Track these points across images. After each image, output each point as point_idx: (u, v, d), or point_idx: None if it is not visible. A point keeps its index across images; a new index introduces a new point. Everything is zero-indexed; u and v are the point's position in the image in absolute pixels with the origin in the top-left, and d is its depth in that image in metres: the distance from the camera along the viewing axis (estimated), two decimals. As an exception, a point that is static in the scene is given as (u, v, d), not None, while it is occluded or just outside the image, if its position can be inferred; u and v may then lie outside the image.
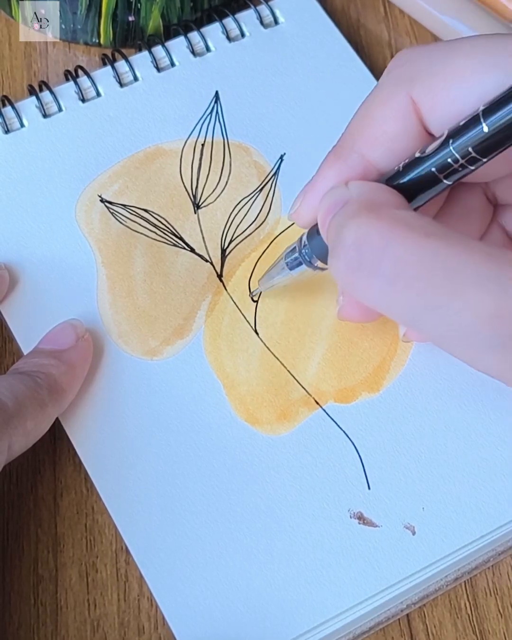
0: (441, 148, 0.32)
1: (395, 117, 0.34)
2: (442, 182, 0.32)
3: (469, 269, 0.29)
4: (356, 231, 0.30)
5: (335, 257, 0.31)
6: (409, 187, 0.33)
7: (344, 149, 0.35)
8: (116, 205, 0.44)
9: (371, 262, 0.30)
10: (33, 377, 0.37)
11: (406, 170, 0.33)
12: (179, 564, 0.37)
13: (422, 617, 0.38)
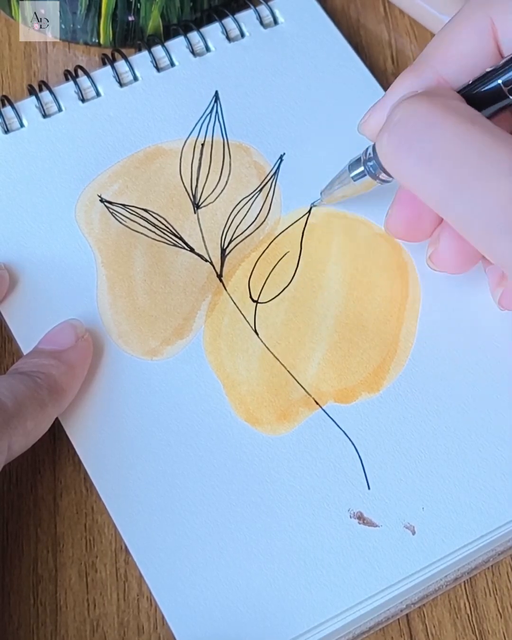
0: (509, 62, 0.33)
1: (472, 35, 0.35)
2: (507, 98, 0.34)
3: (499, 157, 0.30)
4: (405, 109, 0.32)
5: (381, 133, 0.33)
6: (476, 99, 0.34)
7: (419, 65, 0.36)
8: (116, 205, 0.44)
9: (411, 138, 0.32)
10: (33, 377, 0.37)
11: (475, 83, 0.34)
12: (178, 563, 0.37)
13: (422, 617, 0.38)
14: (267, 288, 0.42)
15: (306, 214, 0.43)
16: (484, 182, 0.30)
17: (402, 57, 0.49)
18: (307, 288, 0.42)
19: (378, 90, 0.46)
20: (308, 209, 0.43)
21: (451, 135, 0.31)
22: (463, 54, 0.36)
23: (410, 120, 0.32)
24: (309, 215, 0.43)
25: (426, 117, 0.32)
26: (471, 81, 0.35)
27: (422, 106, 0.32)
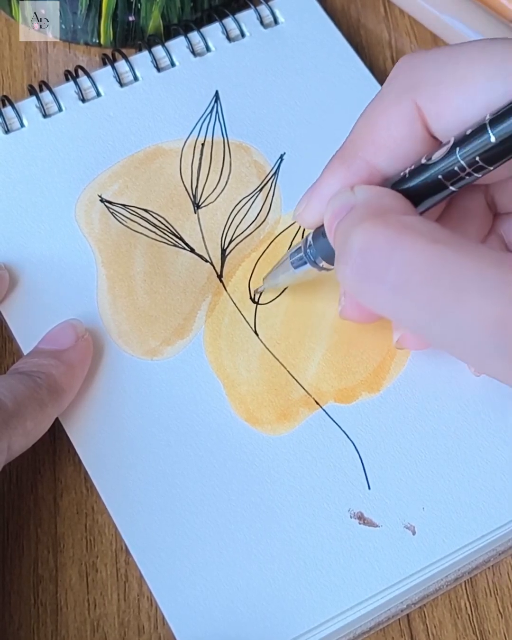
0: (448, 155, 0.32)
1: (400, 123, 0.34)
2: (448, 189, 0.33)
3: (474, 275, 0.29)
4: (363, 237, 0.30)
5: (342, 264, 0.31)
6: (415, 192, 0.33)
7: (348, 154, 0.35)
8: (116, 205, 0.44)
9: (378, 269, 0.30)
10: (33, 377, 0.37)
11: (412, 176, 0.33)
12: (179, 563, 0.37)
13: (423, 617, 0.38)
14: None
15: (306, 214, 0.43)
16: (463, 306, 0.29)
17: (402, 57, 0.49)
18: (307, 288, 0.42)
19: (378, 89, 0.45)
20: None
21: (417, 260, 0.29)
22: (393, 142, 0.34)
23: (371, 249, 0.30)
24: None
25: (387, 243, 0.30)
26: (407, 174, 0.33)
27: (380, 231, 0.30)
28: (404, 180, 0.33)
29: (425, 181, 0.33)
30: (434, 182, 0.33)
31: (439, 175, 0.32)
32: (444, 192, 0.33)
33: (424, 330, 0.31)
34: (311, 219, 0.36)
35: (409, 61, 0.35)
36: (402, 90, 0.34)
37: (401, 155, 0.34)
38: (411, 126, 0.34)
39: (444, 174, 0.32)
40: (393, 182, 0.34)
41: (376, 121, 0.35)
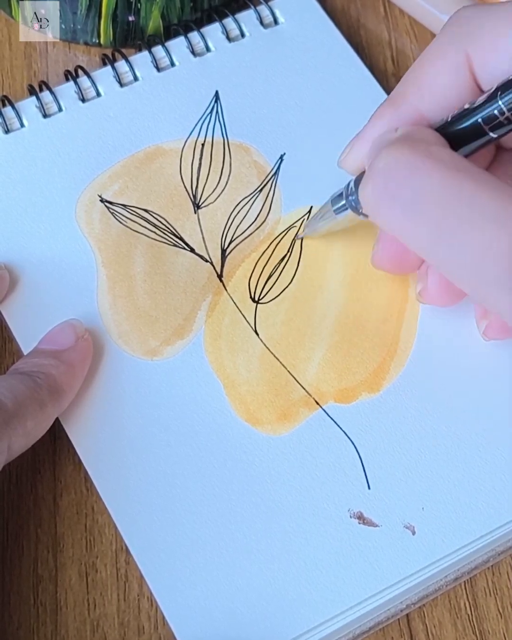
0: (489, 100, 0.33)
1: (448, 70, 0.35)
2: (487, 135, 0.33)
3: (489, 204, 0.30)
4: (387, 158, 0.32)
5: (364, 182, 0.32)
6: (456, 136, 0.34)
7: (397, 98, 0.36)
8: (116, 205, 0.44)
9: (396, 188, 0.31)
10: (33, 377, 0.37)
11: (454, 121, 0.34)
12: (179, 563, 0.37)
13: (422, 617, 0.38)
14: (267, 288, 0.42)
15: (306, 214, 0.43)
16: (472, 233, 0.30)
17: (402, 57, 0.49)
18: (308, 288, 0.42)
19: (378, 90, 0.46)
20: (308, 209, 0.43)
21: (436, 184, 0.30)
22: (440, 88, 0.35)
23: (393, 169, 0.31)
24: (309, 216, 0.43)
25: (409, 166, 0.31)
26: (450, 118, 0.34)
27: (405, 154, 0.31)
28: (446, 124, 0.34)
29: (466, 125, 0.33)
30: (475, 127, 0.33)
31: (479, 119, 0.33)
32: (484, 139, 0.33)
33: (430, 254, 0.32)
34: (354, 163, 0.37)
35: (463, 13, 0.35)
36: (453, 39, 0.35)
37: (447, 103, 0.35)
38: (459, 74, 0.35)
39: (484, 118, 0.33)
40: (436, 126, 0.34)
41: (425, 68, 0.35)
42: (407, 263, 0.38)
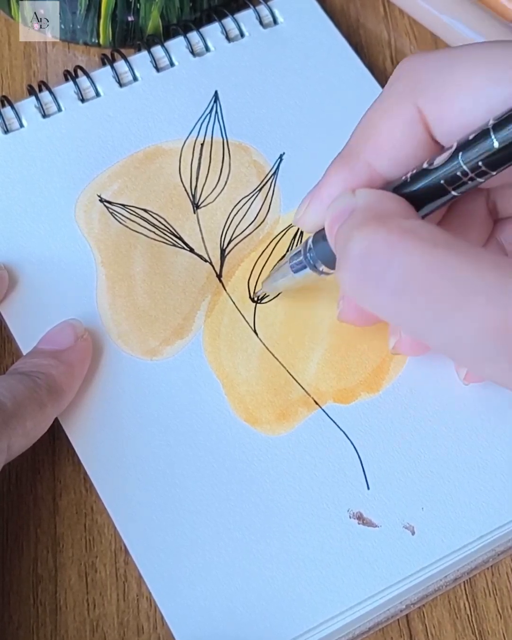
0: (450, 160, 0.32)
1: (402, 126, 0.34)
2: (450, 194, 0.32)
3: (476, 279, 0.29)
4: (363, 242, 0.30)
5: (342, 268, 0.31)
6: (417, 197, 0.33)
7: (350, 156, 0.35)
8: (115, 205, 0.44)
9: (378, 273, 0.30)
10: (32, 377, 0.37)
11: (413, 181, 0.33)
12: (178, 564, 0.37)
13: (422, 617, 0.38)
14: (267, 288, 0.42)
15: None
16: (462, 311, 0.29)
17: (401, 57, 0.49)
18: (307, 287, 0.42)
19: (377, 90, 0.46)
20: None
21: (419, 265, 0.29)
22: (394, 145, 0.34)
23: (371, 254, 0.30)
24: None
25: (386, 249, 0.30)
26: (409, 178, 0.33)
27: (380, 237, 0.30)
28: (405, 184, 0.33)
29: (427, 185, 0.33)
30: (436, 187, 0.32)
31: (442, 180, 0.32)
32: (446, 197, 0.33)
33: (423, 335, 0.31)
34: (311, 223, 0.36)
35: (410, 63, 0.34)
36: (403, 92, 0.34)
37: (402, 158, 0.34)
38: (413, 129, 0.34)
39: (446, 179, 0.32)
40: (395, 186, 0.34)
41: (377, 124, 0.35)
42: (372, 319, 0.38)
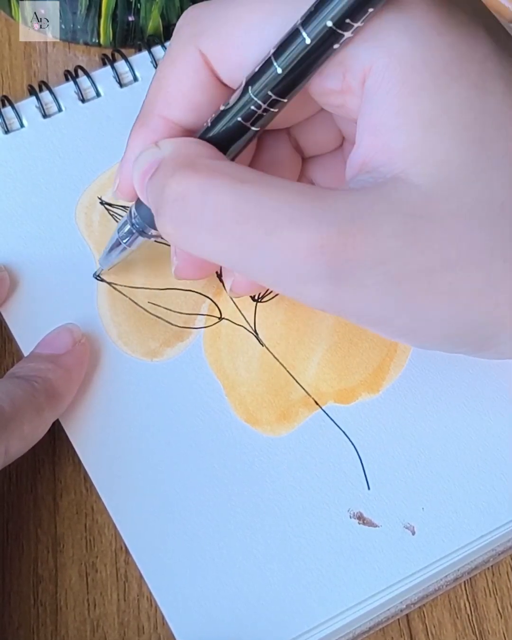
0: (242, 96, 0.32)
1: (187, 73, 0.34)
2: (250, 130, 0.33)
3: (283, 207, 0.30)
4: (177, 187, 0.31)
5: (160, 216, 0.32)
6: (221, 139, 0.33)
7: (146, 115, 0.35)
8: (116, 207, 0.44)
9: (194, 215, 0.31)
10: (30, 381, 0.37)
11: (214, 124, 0.33)
12: (178, 563, 0.37)
13: (422, 617, 0.38)
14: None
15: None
16: (274, 237, 0.30)
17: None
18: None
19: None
20: None
21: (228, 201, 0.30)
22: (185, 94, 0.34)
23: (185, 198, 0.31)
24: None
25: (198, 191, 0.31)
26: (209, 123, 0.34)
27: (190, 179, 0.31)
28: (208, 129, 0.34)
29: (227, 126, 0.33)
30: (236, 126, 0.33)
31: (239, 117, 0.33)
32: (248, 134, 0.33)
33: (244, 268, 0.32)
34: (128, 190, 0.37)
35: (192, 11, 0.34)
36: (185, 40, 0.34)
37: (195, 106, 0.34)
38: (199, 75, 0.34)
39: (242, 116, 0.33)
40: (199, 134, 0.34)
41: (165, 75, 0.35)
42: (206, 267, 0.38)
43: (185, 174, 0.31)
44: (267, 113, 0.32)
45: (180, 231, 0.32)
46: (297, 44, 0.30)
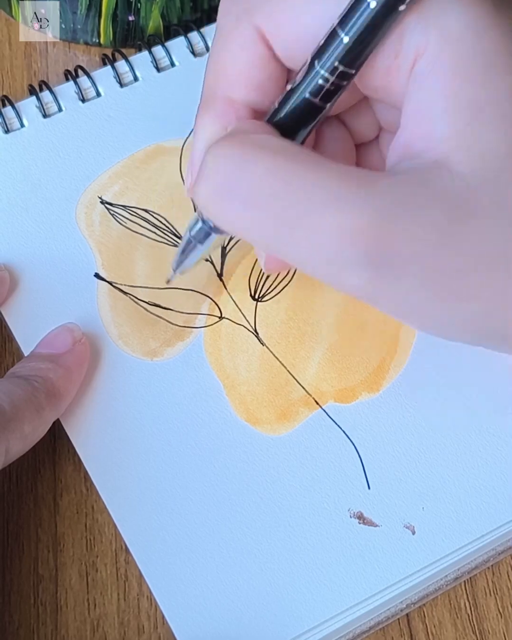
0: (309, 72, 0.31)
1: (244, 51, 0.32)
2: (319, 107, 0.32)
3: (327, 186, 0.28)
4: (215, 157, 0.30)
5: (197, 185, 0.30)
6: (290, 120, 0.32)
7: (209, 99, 0.34)
8: (116, 207, 0.44)
9: (229, 186, 0.29)
10: (30, 381, 0.37)
11: (282, 105, 0.32)
12: (179, 563, 0.37)
13: (422, 616, 0.38)
14: (267, 286, 0.42)
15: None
16: (313, 218, 0.28)
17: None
18: (307, 287, 0.42)
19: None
20: None
21: (267, 175, 0.29)
22: (244, 72, 0.33)
23: (222, 165, 0.29)
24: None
25: (238, 159, 0.29)
26: (277, 105, 0.32)
27: (232, 148, 0.29)
28: (276, 112, 0.32)
29: (296, 105, 0.32)
30: (305, 104, 0.31)
31: (307, 94, 0.31)
32: (318, 112, 0.32)
33: (276, 247, 0.30)
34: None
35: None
36: (238, 16, 0.32)
37: (256, 83, 0.33)
38: (257, 51, 0.32)
39: (311, 91, 0.31)
40: (267, 117, 0.33)
41: (220, 56, 0.33)
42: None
43: (230, 142, 0.30)
44: (338, 88, 0.31)
45: (214, 201, 0.30)
46: (362, 9, 0.29)
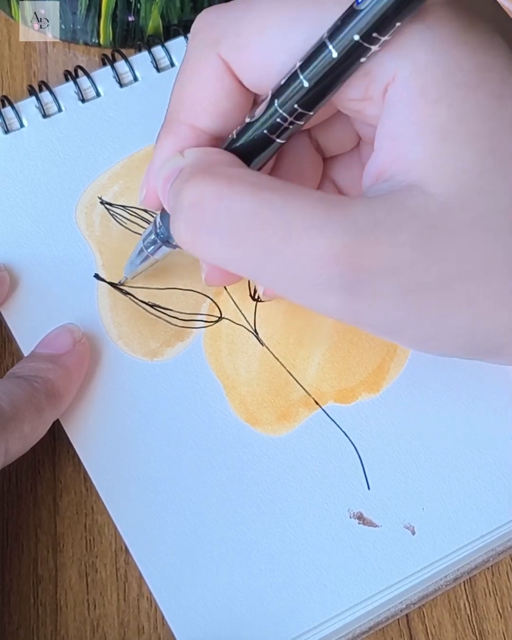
0: (268, 109, 0.32)
1: (209, 81, 0.33)
2: (275, 142, 0.33)
3: (301, 215, 0.29)
4: (191, 192, 0.31)
5: (175, 221, 0.31)
6: (246, 151, 0.33)
7: (172, 122, 0.35)
8: (116, 207, 0.44)
9: (209, 220, 0.30)
10: (30, 381, 0.37)
11: (239, 136, 0.33)
12: (178, 564, 0.37)
13: (422, 617, 0.38)
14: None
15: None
16: (291, 245, 0.29)
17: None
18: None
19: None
20: None
21: (246, 207, 0.30)
22: (209, 102, 0.34)
23: (200, 203, 0.30)
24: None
25: (214, 196, 0.30)
26: (235, 135, 0.33)
27: (207, 185, 0.30)
28: (233, 141, 0.33)
29: (252, 138, 0.33)
30: (261, 138, 0.33)
31: (264, 130, 0.32)
32: (273, 146, 0.33)
33: (258, 276, 0.31)
34: (154, 199, 0.36)
35: (206, 16, 0.34)
36: (205, 45, 0.33)
37: (221, 113, 0.34)
38: (222, 81, 0.33)
39: (268, 128, 0.32)
40: (224, 145, 0.34)
41: (187, 83, 0.34)
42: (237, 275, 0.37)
43: (202, 179, 0.31)
44: (293, 125, 0.32)
45: (194, 237, 0.31)
46: (324, 57, 0.30)
